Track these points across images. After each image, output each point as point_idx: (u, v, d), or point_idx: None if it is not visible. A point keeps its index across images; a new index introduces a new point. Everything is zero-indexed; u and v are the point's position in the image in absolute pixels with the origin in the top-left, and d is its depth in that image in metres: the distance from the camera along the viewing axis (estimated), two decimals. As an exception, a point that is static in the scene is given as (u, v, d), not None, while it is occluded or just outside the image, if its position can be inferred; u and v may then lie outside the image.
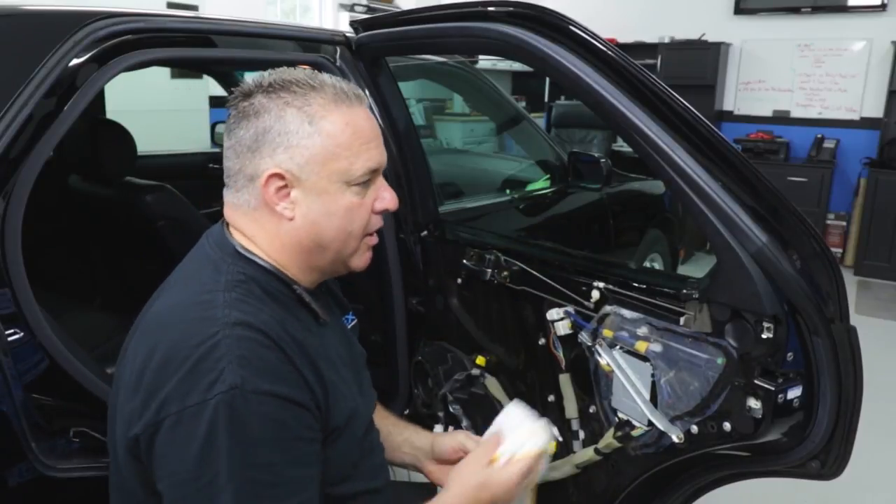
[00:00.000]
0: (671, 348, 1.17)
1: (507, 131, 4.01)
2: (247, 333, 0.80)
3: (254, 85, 0.88)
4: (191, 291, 0.87)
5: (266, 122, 0.86)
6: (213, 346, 0.77)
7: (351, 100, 0.90)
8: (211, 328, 0.79)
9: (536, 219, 2.68)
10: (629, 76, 1.12)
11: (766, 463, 1.15)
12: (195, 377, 0.76)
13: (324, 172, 0.88)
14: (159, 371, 0.78)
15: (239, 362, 0.77)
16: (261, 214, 0.90)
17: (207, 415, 0.74)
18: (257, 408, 0.76)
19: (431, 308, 1.75)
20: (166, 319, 0.84)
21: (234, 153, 0.89)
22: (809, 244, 1.01)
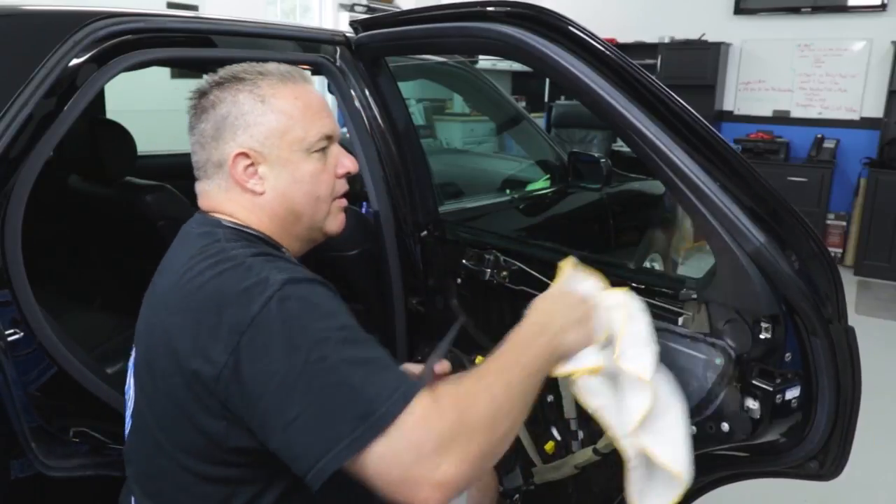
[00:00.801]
0: (669, 348, 1.17)
1: (507, 131, 4.01)
2: (270, 259, 0.86)
3: (207, 84, 0.97)
4: (192, 250, 0.90)
5: (223, 110, 0.94)
6: (248, 268, 0.82)
7: (296, 78, 0.99)
8: (235, 259, 0.84)
9: (536, 219, 2.68)
10: (627, 76, 1.12)
11: (765, 463, 1.16)
12: (248, 294, 0.79)
13: (284, 144, 0.95)
14: (212, 308, 0.80)
15: (278, 269, 0.82)
16: (234, 194, 0.97)
17: (275, 311, 0.77)
18: (312, 289, 0.82)
19: (431, 308, 1.75)
20: (185, 274, 0.86)
21: (200, 146, 0.97)
22: (808, 244, 1.01)
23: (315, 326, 0.78)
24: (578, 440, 1.43)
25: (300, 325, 0.77)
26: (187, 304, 0.83)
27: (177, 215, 1.91)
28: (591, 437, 1.40)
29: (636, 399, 0.96)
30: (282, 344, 0.76)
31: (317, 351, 0.76)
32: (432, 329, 1.76)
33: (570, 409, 1.42)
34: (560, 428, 1.48)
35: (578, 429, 1.42)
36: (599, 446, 1.33)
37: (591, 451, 1.36)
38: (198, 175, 1.00)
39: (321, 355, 0.75)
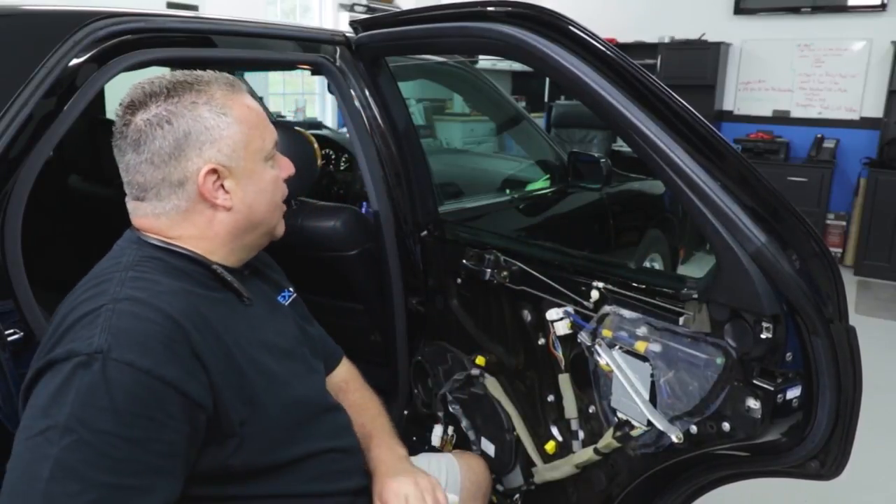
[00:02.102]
0: (670, 348, 1.17)
1: (507, 131, 4.01)
2: (132, 308, 0.82)
3: (142, 96, 0.91)
4: (90, 276, 0.92)
5: (184, 125, 0.90)
6: (95, 316, 0.81)
7: (238, 86, 0.97)
8: (98, 302, 0.83)
9: (536, 219, 2.68)
10: (628, 76, 1.12)
11: (766, 463, 1.16)
12: (69, 337, 0.80)
13: (247, 155, 0.95)
14: (48, 338, 0.84)
15: (112, 331, 0.79)
16: (191, 214, 0.94)
17: (66, 370, 0.77)
18: (114, 375, 0.76)
19: (431, 308, 1.75)
20: (67, 301, 0.89)
21: (151, 166, 0.91)
22: (809, 244, 1.01)
23: (73, 414, 0.75)
24: (579, 440, 1.43)
25: (65, 401, 0.75)
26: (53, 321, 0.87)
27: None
28: (592, 436, 1.40)
29: None
30: (45, 398, 0.77)
31: (50, 433, 0.75)
32: (432, 329, 1.76)
33: (571, 409, 1.42)
34: (561, 428, 1.48)
35: (579, 429, 1.42)
36: (600, 446, 1.34)
37: (591, 451, 1.36)
38: (140, 196, 0.94)
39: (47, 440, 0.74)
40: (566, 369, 1.41)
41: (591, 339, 1.30)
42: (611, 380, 1.28)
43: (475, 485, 1.41)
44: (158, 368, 0.78)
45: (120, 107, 0.93)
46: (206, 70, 0.97)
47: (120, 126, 0.93)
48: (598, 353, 1.28)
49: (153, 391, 0.78)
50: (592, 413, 1.38)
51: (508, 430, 1.54)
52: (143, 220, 0.96)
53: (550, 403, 1.49)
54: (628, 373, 1.23)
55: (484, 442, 1.62)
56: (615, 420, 1.29)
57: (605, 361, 1.27)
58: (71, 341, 0.80)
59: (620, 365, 1.24)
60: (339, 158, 2.67)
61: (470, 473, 1.41)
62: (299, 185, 1.60)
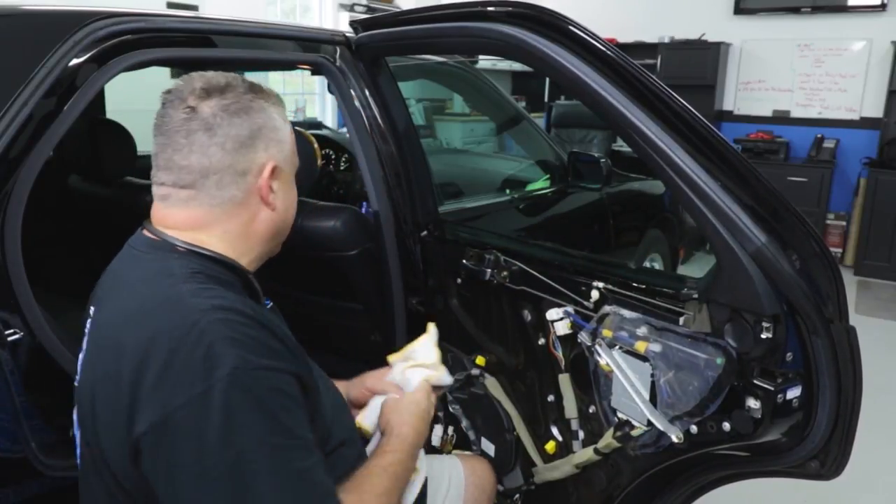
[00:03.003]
0: (670, 348, 1.17)
1: (507, 131, 4.01)
2: (225, 315, 0.81)
3: (222, 86, 0.92)
4: (147, 292, 0.86)
5: (259, 119, 0.93)
6: (200, 334, 0.78)
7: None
8: (189, 317, 0.79)
9: (536, 219, 2.68)
10: (628, 76, 1.12)
11: (766, 463, 1.16)
12: (192, 366, 0.76)
13: (291, 166, 1.00)
14: (149, 368, 0.77)
15: (230, 343, 0.78)
16: (241, 208, 0.94)
17: (218, 400, 0.74)
18: (262, 381, 0.78)
19: (431, 308, 1.75)
20: (134, 319, 0.83)
21: (223, 150, 0.90)
22: (809, 244, 1.01)
23: (256, 429, 0.76)
24: (579, 440, 1.43)
25: (240, 424, 0.75)
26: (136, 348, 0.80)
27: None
28: (592, 436, 1.40)
29: None
30: (216, 436, 0.74)
31: (242, 461, 0.74)
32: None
33: (571, 409, 1.42)
34: (561, 428, 1.48)
35: (579, 429, 1.42)
36: (600, 446, 1.34)
37: (591, 451, 1.36)
38: (191, 184, 0.92)
39: (244, 468, 0.74)
40: (566, 369, 1.41)
41: (591, 339, 1.30)
42: (611, 380, 1.28)
43: (479, 489, 1.40)
44: (282, 363, 0.82)
45: (187, 88, 0.92)
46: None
47: (181, 109, 0.91)
48: (598, 353, 1.28)
49: (287, 382, 0.82)
50: (592, 413, 1.38)
51: (508, 430, 1.54)
52: (177, 212, 0.93)
53: (550, 403, 1.49)
54: (628, 373, 1.23)
55: (484, 442, 1.62)
56: (615, 420, 1.29)
57: (605, 361, 1.27)
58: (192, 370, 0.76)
59: (620, 365, 1.24)
60: (339, 158, 2.67)
61: (474, 477, 1.41)
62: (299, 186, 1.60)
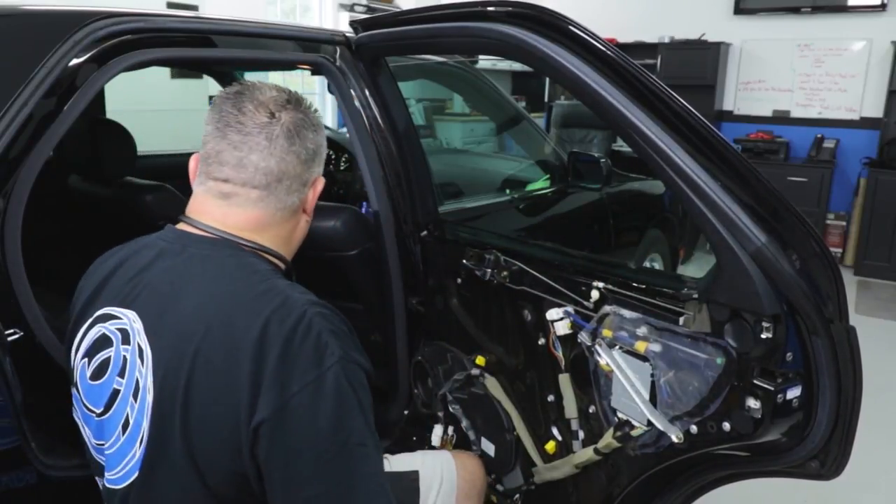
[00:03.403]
0: (670, 348, 1.17)
1: (507, 131, 4.01)
2: (323, 310, 0.88)
3: (300, 100, 0.99)
4: (236, 287, 0.89)
5: (320, 139, 1.01)
6: (308, 325, 0.84)
7: None
8: (296, 309, 0.85)
9: (536, 219, 2.68)
10: (628, 76, 1.12)
11: (766, 463, 1.15)
12: (306, 354, 0.82)
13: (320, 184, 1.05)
14: (267, 358, 0.81)
15: (334, 335, 0.85)
16: (294, 215, 1.01)
17: (330, 384, 0.81)
18: (358, 374, 0.86)
19: (431, 308, 1.75)
20: (237, 312, 0.85)
21: (298, 158, 0.97)
22: (809, 244, 1.01)
23: (360, 414, 0.84)
24: (579, 440, 1.43)
25: (350, 406, 0.83)
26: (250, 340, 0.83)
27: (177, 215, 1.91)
28: (592, 436, 1.40)
29: None
30: (330, 416, 0.81)
31: (350, 441, 0.82)
32: (432, 329, 1.76)
33: (571, 409, 1.42)
34: (561, 428, 1.48)
35: (579, 429, 1.42)
36: (600, 446, 1.34)
37: (591, 451, 1.36)
38: (264, 185, 0.95)
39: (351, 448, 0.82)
40: (566, 369, 1.41)
41: (591, 339, 1.30)
42: (611, 380, 1.28)
43: (469, 483, 1.42)
44: (363, 359, 0.89)
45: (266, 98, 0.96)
46: None
47: (263, 113, 0.94)
48: (598, 353, 1.28)
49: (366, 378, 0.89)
50: (592, 413, 1.38)
51: (508, 430, 1.54)
52: (241, 212, 0.96)
53: (550, 403, 1.49)
54: (628, 373, 1.23)
55: (484, 442, 1.62)
56: (615, 420, 1.29)
57: (605, 361, 1.27)
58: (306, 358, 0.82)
59: (620, 365, 1.24)
60: (339, 158, 2.67)
61: (465, 472, 1.42)
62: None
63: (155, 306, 0.92)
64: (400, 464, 1.38)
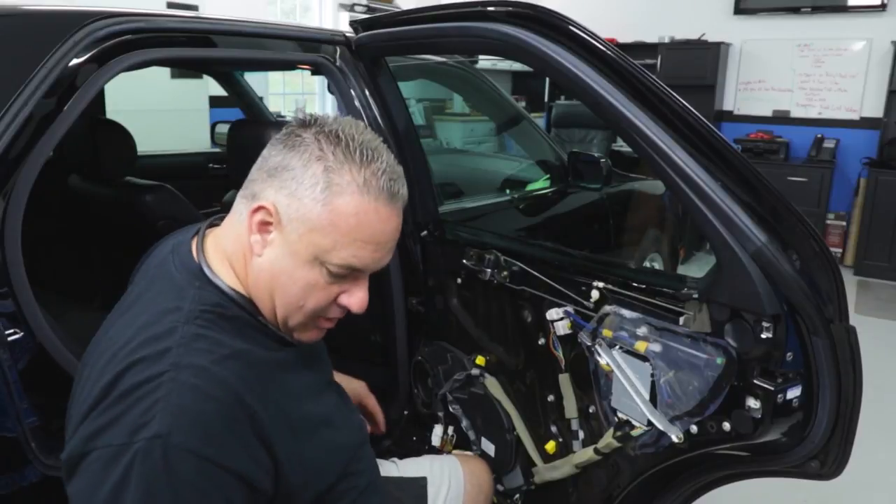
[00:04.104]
0: (671, 348, 1.17)
1: (507, 131, 4.01)
2: (194, 381, 0.75)
3: (308, 118, 0.87)
4: (150, 317, 0.82)
5: (293, 160, 0.84)
6: (155, 387, 0.74)
7: (384, 195, 0.85)
8: (159, 366, 0.75)
9: (536, 219, 2.68)
10: (629, 76, 1.12)
11: (766, 463, 1.15)
12: (127, 416, 0.73)
13: (305, 238, 0.84)
14: (99, 398, 0.75)
15: (173, 410, 0.73)
16: (242, 234, 0.88)
17: (125, 459, 0.71)
18: (176, 465, 0.71)
19: (431, 308, 1.75)
20: (121, 345, 0.80)
21: (259, 168, 0.88)
22: (809, 244, 1.01)
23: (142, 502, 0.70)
24: (579, 440, 1.43)
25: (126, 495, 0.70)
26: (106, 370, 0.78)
27: (177, 215, 1.92)
28: (592, 436, 1.40)
29: None
30: (105, 493, 0.71)
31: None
32: (432, 329, 1.76)
33: (571, 409, 1.42)
34: (561, 428, 1.48)
35: (579, 428, 1.42)
36: (600, 446, 1.33)
37: (591, 451, 1.36)
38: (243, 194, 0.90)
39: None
40: (566, 369, 1.41)
41: (591, 339, 1.30)
42: (611, 380, 1.28)
43: (476, 488, 1.41)
44: (221, 457, 0.74)
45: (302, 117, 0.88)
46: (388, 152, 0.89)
47: (295, 123, 0.87)
48: (598, 353, 1.28)
49: (216, 480, 0.74)
50: (592, 413, 1.38)
51: (508, 430, 1.54)
52: (227, 225, 0.92)
53: (550, 403, 1.49)
54: (628, 373, 1.23)
55: (484, 442, 1.62)
56: (615, 420, 1.29)
57: (605, 361, 1.27)
58: (128, 419, 0.73)
59: (621, 365, 1.24)
60: (339, 158, 2.66)
61: (472, 477, 1.42)
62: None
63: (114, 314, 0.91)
64: (408, 469, 1.37)
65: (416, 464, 1.41)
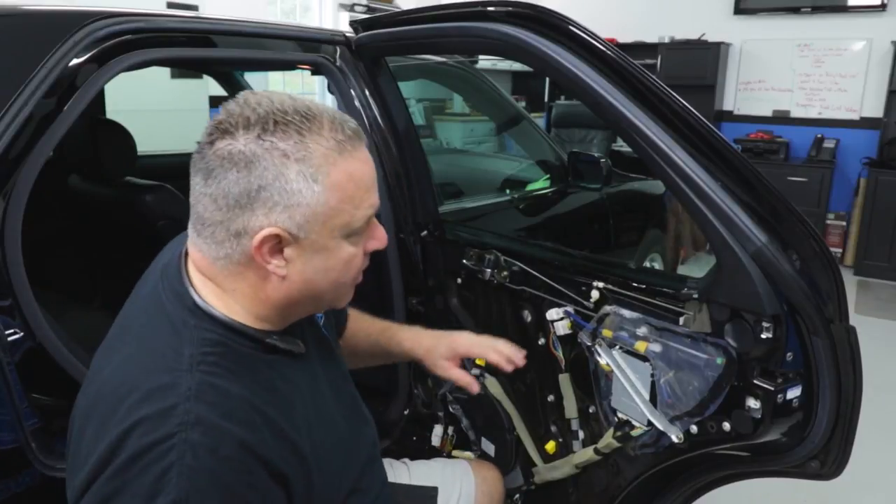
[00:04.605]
0: (671, 348, 1.17)
1: (507, 131, 4.01)
2: (205, 440, 0.71)
3: (237, 119, 0.76)
4: (149, 363, 0.78)
5: (263, 177, 0.75)
6: (166, 450, 0.70)
7: (353, 142, 0.81)
8: (167, 427, 0.71)
9: (536, 219, 2.68)
10: (629, 76, 1.12)
11: (766, 463, 1.16)
12: (140, 483, 0.69)
13: (325, 230, 0.79)
14: (105, 461, 0.71)
15: (189, 474, 0.69)
16: (245, 270, 0.80)
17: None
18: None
19: (431, 308, 1.75)
20: (121, 396, 0.75)
21: (215, 204, 0.77)
22: (809, 244, 1.01)
23: None
24: (579, 440, 1.43)
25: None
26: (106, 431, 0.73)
27: (177, 215, 1.92)
28: (592, 436, 1.40)
29: None
30: None
31: None
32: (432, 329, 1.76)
33: (571, 409, 1.42)
34: (561, 428, 1.48)
35: (579, 429, 1.42)
36: (600, 446, 1.34)
37: (591, 451, 1.36)
38: (198, 230, 0.80)
39: None
40: (566, 369, 1.41)
41: (591, 339, 1.30)
42: (611, 380, 1.28)
43: (487, 496, 1.40)
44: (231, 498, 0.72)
45: (213, 119, 0.78)
46: (326, 107, 0.82)
47: (204, 142, 0.77)
48: (598, 353, 1.28)
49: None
50: (592, 413, 1.38)
51: (508, 430, 1.54)
52: (199, 256, 0.83)
53: (550, 403, 1.49)
54: (628, 373, 1.23)
55: (484, 442, 1.62)
56: (615, 420, 1.29)
57: (605, 361, 1.27)
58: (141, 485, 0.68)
59: (621, 365, 1.24)
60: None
61: (484, 485, 1.40)
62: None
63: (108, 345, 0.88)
64: (419, 472, 1.36)
65: (428, 467, 1.39)
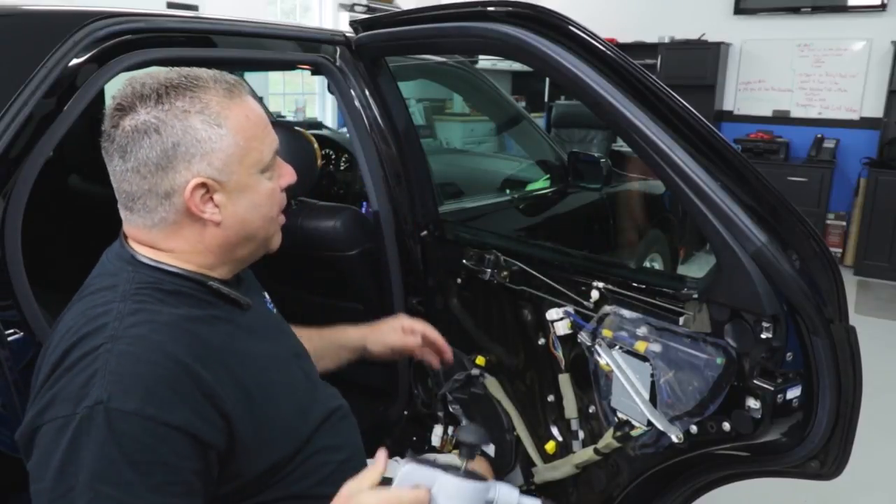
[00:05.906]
0: (670, 348, 1.17)
1: (507, 131, 4.01)
2: (130, 348, 0.79)
3: (132, 98, 0.85)
4: (88, 303, 0.86)
5: (172, 136, 0.84)
6: (93, 359, 0.78)
7: (239, 89, 0.90)
8: (96, 340, 0.80)
9: (536, 219, 2.68)
10: (629, 76, 1.12)
11: (766, 463, 1.16)
12: (69, 388, 0.77)
13: (243, 169, 0.89)
14: (45, 378, 0.80)
15: (110, 378, 0.76)
16: (181, 227, 0.89)
17: (71, 428, 0.75)
18: (120, 427, 0.75)
19: (431, 308, 1.75)
20: (67, 328, 0.84)
21: (138, 174, 0.86)
22: (809, 244, 1.01)
23: (90, 471, 0.73)
24: (579, 440, 1.43)
25: (78, 460, 0.74)
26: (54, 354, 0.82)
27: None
28: (592, 436, 1.40)
29: None
30: (57, 461, 0.74)
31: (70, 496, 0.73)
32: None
33: (571, 409, 1.42)
34: (561, 428, 1.48)
35: (579, 429, 1.42)
36: (600, 446, 1.34)
37: (591, 451, 1.36)
38: (129, 206, 0.90)
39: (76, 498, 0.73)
40: (566, 369, 1.41)
41: (591, 339, 1.30)
42: (611, 380, 1.28)
43: None
44: (164, 414, 0.77)
45: (109, 107, 0.87)
46: (204, 69, 0.91)
47: (108, 128, 0.87)
48: (598, 353, 1.28)
49: (162, 437, 0.77)
50: (592, 413, 1.38)
51: (508, 430, 1.54)
52: (134, 231, 0.92)
53: (550, 403, 1.49)
54: (628, 373, 1.23)
55: (484, 442, 1.62)
56: (615, 420, 1.29)
57: (605, 361, 1.27)
58: (70, 391, 0.77)
59: (620, 365, 1.24)
60: (339, 158, 2.67)
61: None
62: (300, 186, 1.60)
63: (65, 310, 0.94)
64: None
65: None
